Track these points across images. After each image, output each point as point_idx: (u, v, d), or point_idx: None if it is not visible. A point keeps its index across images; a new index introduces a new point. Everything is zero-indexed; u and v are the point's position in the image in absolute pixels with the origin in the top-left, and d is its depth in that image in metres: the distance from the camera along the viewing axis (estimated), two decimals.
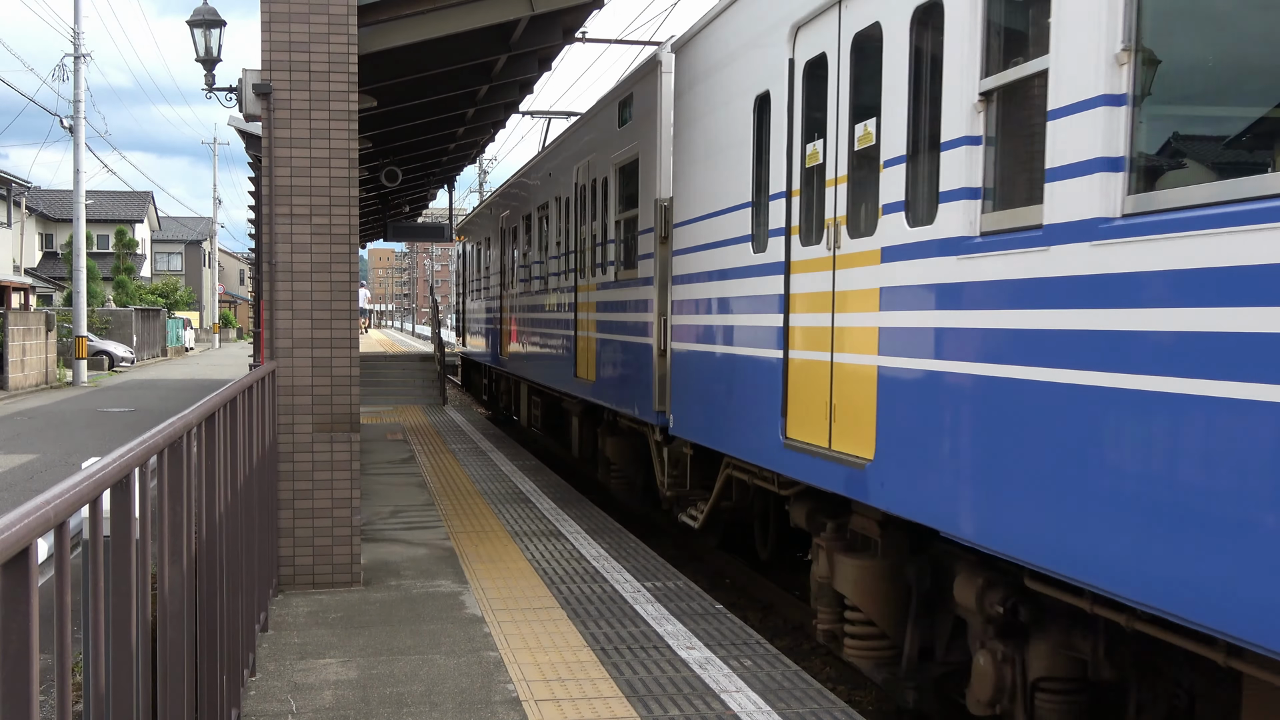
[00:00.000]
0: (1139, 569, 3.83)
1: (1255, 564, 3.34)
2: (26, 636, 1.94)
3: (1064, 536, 4.24)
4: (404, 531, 9.65)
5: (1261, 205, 3.38)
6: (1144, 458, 3.85)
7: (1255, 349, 3.36)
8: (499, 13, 10.49)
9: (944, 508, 5.14)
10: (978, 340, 4.86)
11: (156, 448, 3.21)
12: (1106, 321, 4.02)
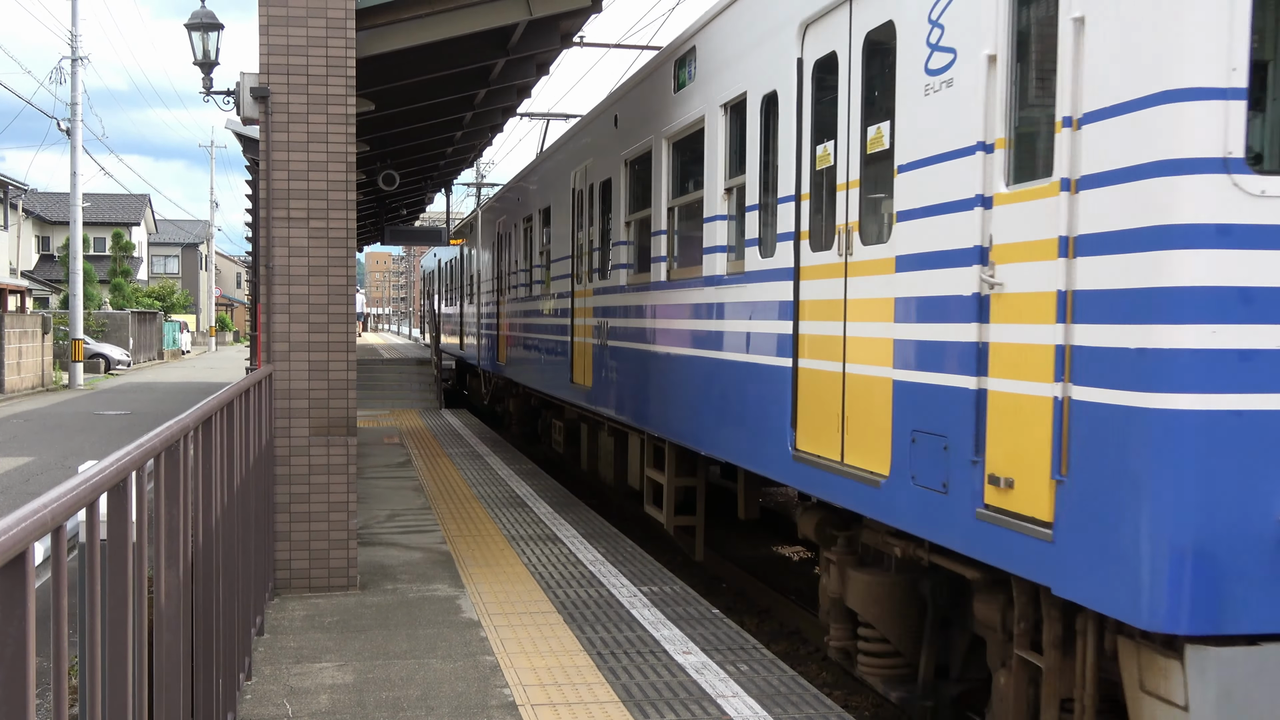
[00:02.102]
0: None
1: (751, 435, 7.42)
2: (23, 640, 1.94)
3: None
4: (400, 535, 9.64)
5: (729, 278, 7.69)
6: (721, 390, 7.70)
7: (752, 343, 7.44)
8: (497, 17, 10.50)
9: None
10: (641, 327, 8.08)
11: (153, 451, 3.20)
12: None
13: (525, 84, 15.51)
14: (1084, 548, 4.20)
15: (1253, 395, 3.88)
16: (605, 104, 12.12)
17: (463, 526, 10.09)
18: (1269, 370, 3.87)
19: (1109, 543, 4.10)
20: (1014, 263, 4.69)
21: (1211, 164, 3.85)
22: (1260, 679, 3.82)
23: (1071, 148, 4.33)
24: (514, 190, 19.10)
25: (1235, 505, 3.90)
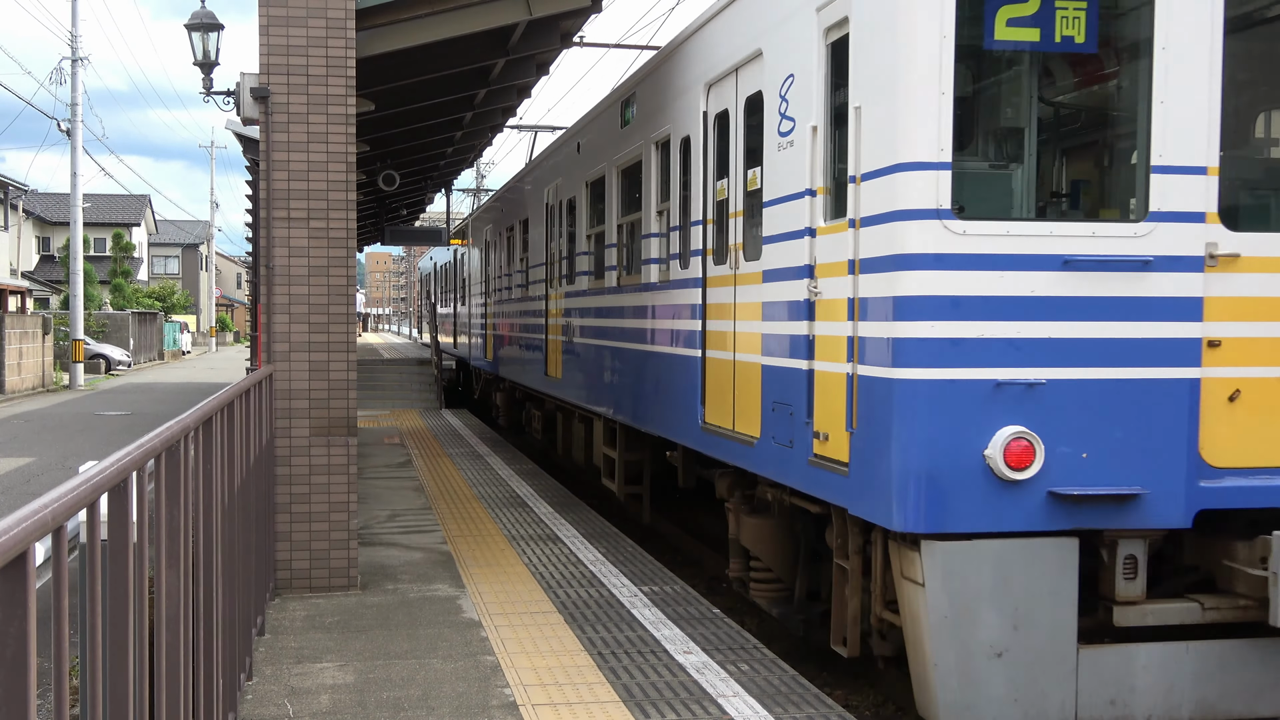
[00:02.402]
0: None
1: (675, 412, 8.79)
2: (24, 640, 1.94)
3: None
4: (401, 535, 9.64)
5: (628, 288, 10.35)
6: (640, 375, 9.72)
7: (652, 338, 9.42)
8: (497, 17, 10.50)
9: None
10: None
11: (154, 451, 3.20)
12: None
13: (525, 84, 15.50)
14: (863, 479, 5.80)
15: (961, 369, 5.48)
16: (571, 131, 13.87)
17: (463, 526, 10.09)
18: (971, 352, 5.48)
19: (876, 473, 5.66)
20: (827, 278, 6.29)
21: (929, 213, 5.43)
22: (969, 562, 5.45)
23: (856, 198, 5.87)
24: (499, 201, 20.78)
25: (951, 446, 5.45)
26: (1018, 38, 5.64)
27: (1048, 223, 5.79)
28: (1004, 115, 6.15)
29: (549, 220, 14.77)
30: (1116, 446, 5.58)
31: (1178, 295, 5.62)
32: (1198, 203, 5.61)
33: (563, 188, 13.95)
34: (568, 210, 13.57)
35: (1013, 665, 5.51)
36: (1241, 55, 5.93)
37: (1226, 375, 5.68)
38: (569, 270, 13.49)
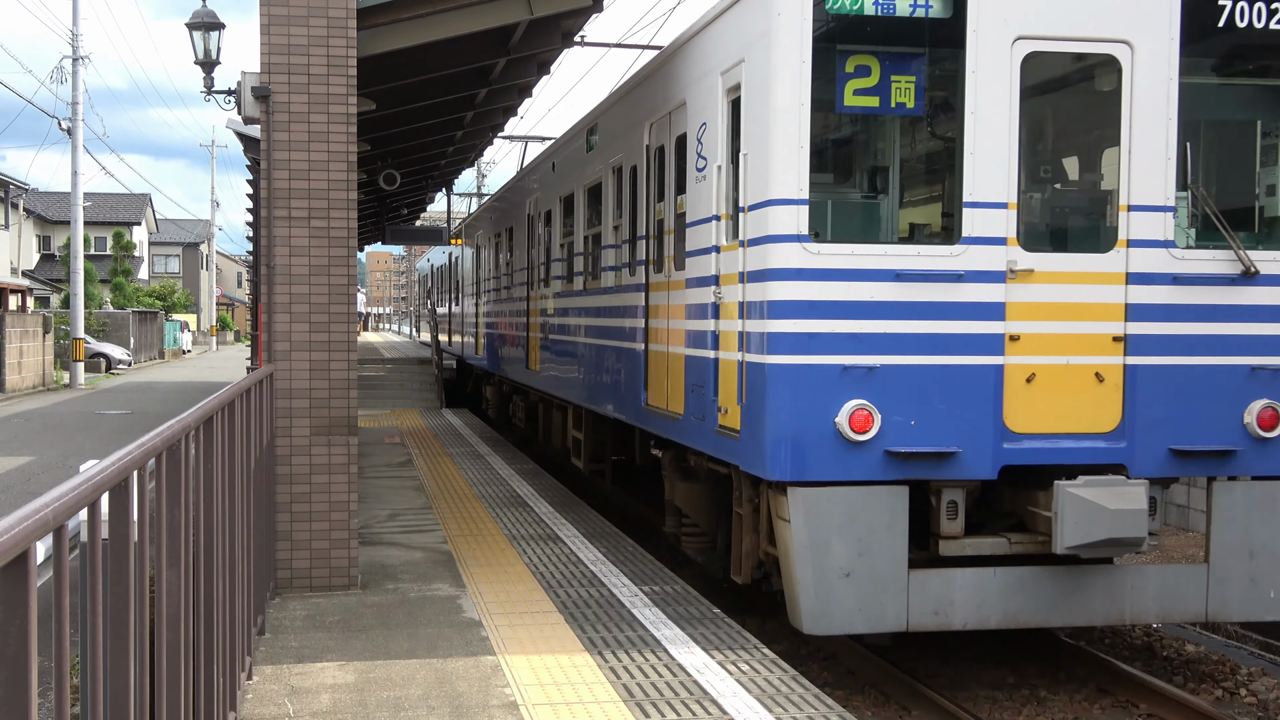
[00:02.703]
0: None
1: (624, 397, 10.41)
2: (25, 638, 1.94)
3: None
4: (401, 535, 9.64)
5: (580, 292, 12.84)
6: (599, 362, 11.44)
7: (602, 334, 11.31)
8: (498, 16, 10.50)
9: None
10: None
11: (155, 451, 3.20)
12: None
13: (526, 84, 15.50)
14: (749, 442, 7.37)
15: (817, 356, 7.05)
16: (548, 151, 15.65)
17: (464, 526, 10.09)
18: (824, 344, 7.05)
19: (757, 437, 7.24)
20: (727, 285, 7.88)
21: (792, 237, 7.02)
22: (823, 503, 7.00)
23: (743, 224, 7.50)
24: (489, 209, 22.50)
25: (810, 415, 7.01)
26: (862, 104, 7.23)
27: (883, 245, 7.33)
28: (852, 162, 7.99)
29: (530, 229, 16.40)
30: (938, 416, 7.13)
31: (985, 300, 7.21)
32: (1000, 229, 7.19)
33: (541, 201, 15.67)
34: (545, 221, 15.24)
35: (858, 583, 7.06)
36: (1035, 116, 7.67)
37: (1024, 362, 7.26)
38: (546, 274, 15.08)
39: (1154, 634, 9.54)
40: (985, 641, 8.70)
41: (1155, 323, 7.36)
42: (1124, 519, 6.95)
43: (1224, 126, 8.03)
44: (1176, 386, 7.35)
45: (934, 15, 7.09)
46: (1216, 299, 7.40)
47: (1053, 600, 7.38)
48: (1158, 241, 7.36)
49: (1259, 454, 7.41)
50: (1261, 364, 7.40)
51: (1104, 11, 7.20)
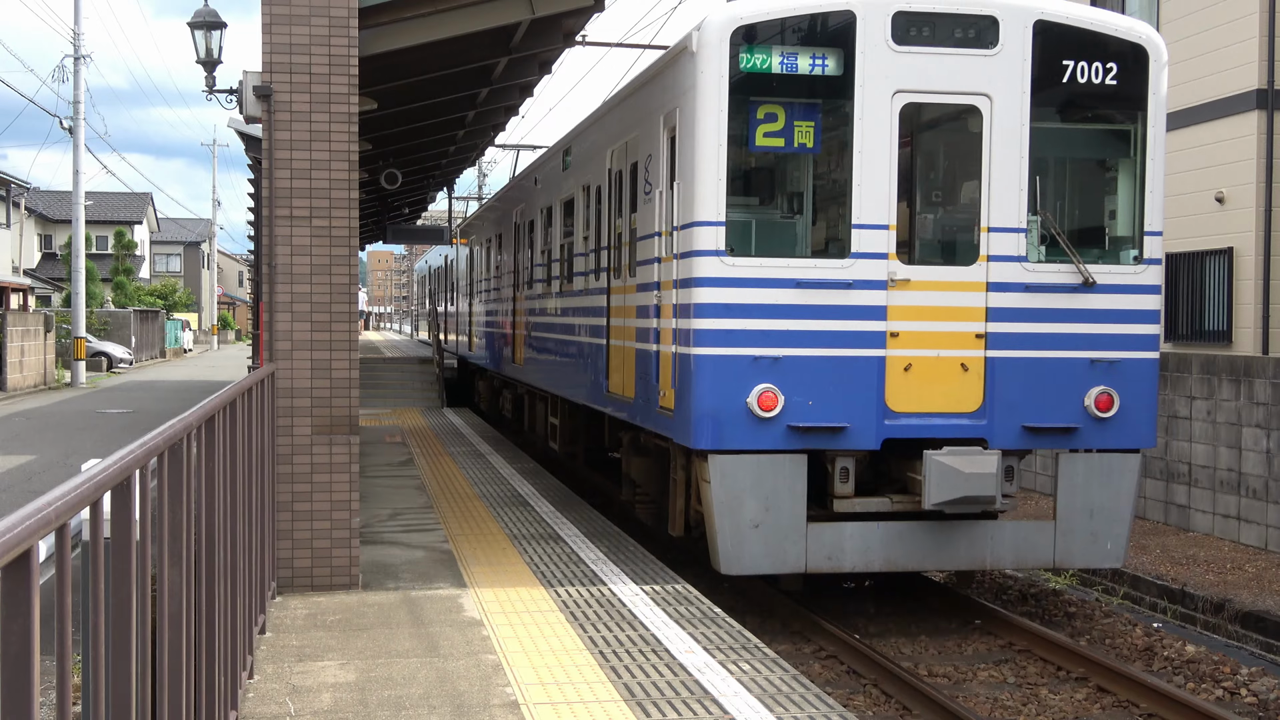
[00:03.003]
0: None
1: (590, 386, 11.83)
2: (27, 637, 1.95)
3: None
4: (403, 534, 9.65)
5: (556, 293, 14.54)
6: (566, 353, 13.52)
7: (569, 329, 13.26)
8: (500, 16, 10.50)
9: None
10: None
11: (156, 450, 3.21)
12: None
13: (528, 83, 15.50)
14: (680, 418, 8.77)
15: (732, 349, 8.45)
16: (533, 166, 17.27)
17: (465, 525, 10.09)
18: (738, 338, 8.44)
19: (686, 415, 8.62)
20: (665, 290, 9.20)
21: (712, 252, 8.43)
22: (737, 468, 8.40)
23: (676, 240, 8.94)
24: (482, 215, 23.95)
25: (726, 396, 8.41)
26: (770, 144, 8.73)
27: (786, 258, 8.75)
28: (762, 190, 9.38)
29: (516, 235, 17.94)
30: (831, 397, 8.57)
31: (870, 304, 8.65)
32: (882, 246, 8.66)
33: (525, 211, 17.12)
34: (529, 229, 16.66)
35: (765, 533, 8.50)
36: (911, 153, 9.16)
37: (902, 355, 8.72)
38: (529, 277, 16.52)
39: (1155, 634, 9.54)
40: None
41: (1010, 323, 8.85)
42: (977, 481, 8.47)
43: (1074, 162, 9.62)
44: (1028, 375, 8.84)
45: (829, 73, 8.66)
46: (1061, 304, 8.89)
47: (926, 549, 8.90)
48: (1012, 257, 8.84)
49: (1097, 431, 8.94)
50: (1098, 357, 8.92)
51: (967, 71, 8.72)
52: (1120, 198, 9.34)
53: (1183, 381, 14.01)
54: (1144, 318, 9.10)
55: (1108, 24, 9.17)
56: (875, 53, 8.59)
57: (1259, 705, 8.08)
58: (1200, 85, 17.13)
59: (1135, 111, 9.13)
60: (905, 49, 8.64)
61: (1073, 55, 8.92)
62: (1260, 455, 12.78)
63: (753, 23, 8.55)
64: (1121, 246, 9.29)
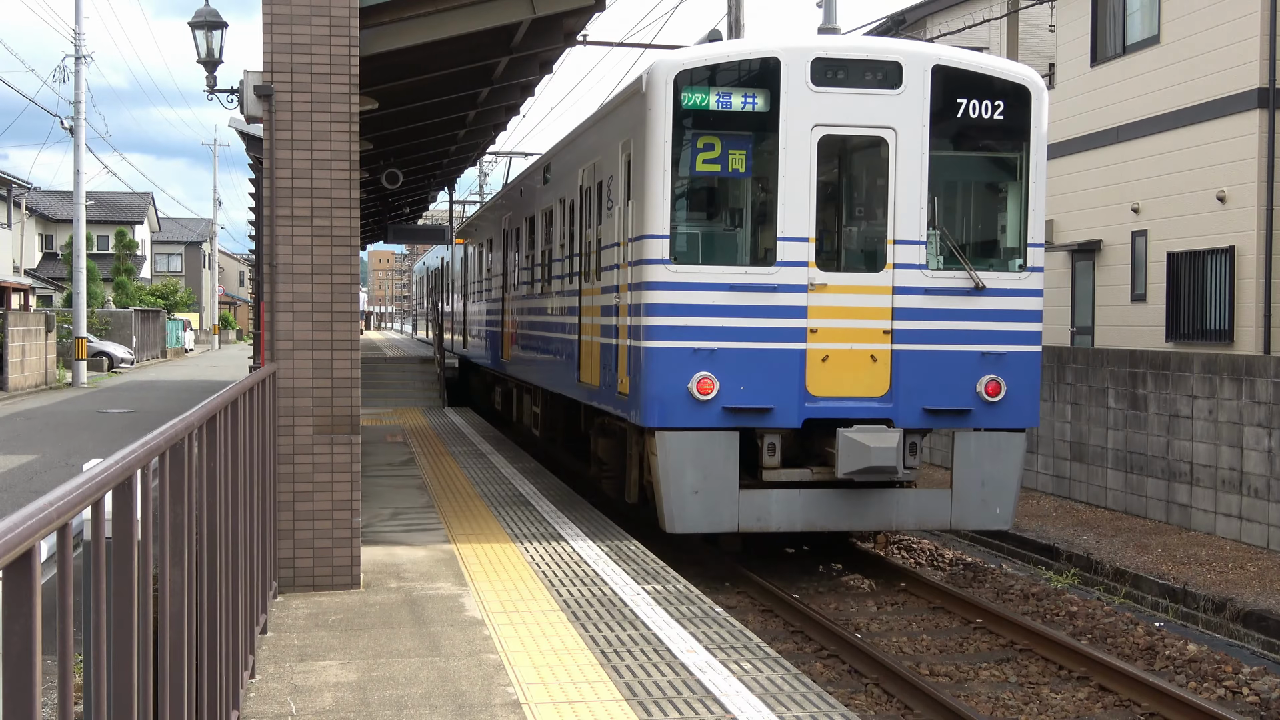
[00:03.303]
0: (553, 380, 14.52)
1: (563, 376, 13.67)
2: (29, 637, 1.94)
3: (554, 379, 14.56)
4: (404, 534, 9.65)
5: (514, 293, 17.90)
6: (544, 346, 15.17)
7: (548, 326, 14.87)
8: (501, 15, 10.50)
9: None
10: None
11: (158, 449, 3.20)
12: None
13: (529, 82, 15.50)
14: (634, 402, 10.10)
15: (676, 342, 9.76)
16: (519, 178, 19.16)
17: (466, 524, 10.09)
18: (681, 334, 9.75)
19: (638, 398, 9.97)
20: (623, 292, 10.61)
21: (659, 260, 9.79)
22: (679, 443, 9.71)
23: (632, 250, 10.35)
24: (474, 223, 25.91)
25: (670, 383, 9.72)
26: (708, 169, 10.18)
27: (722, 266, 10.15)
28: (701, 207, 10.74)
29: (505, 240, 19.42)
30: (760, 384, 9.91)
31: (793, 305, 10.00)
32: (803, 256, 10.05)
33: (512, 219, 18.67)
34: (516, 235, 18.16)
35: (703, 498, 9.87)
36: (828, 177, 10.46)
37: (821, 348, 10.07)
38: (516, 280, 18.07)
39: (1156, 633, 9.54)
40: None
41: (913, 321, 10.18)
42: (880, 454, 9.77)
43: (967, 184, 10.98)
44: (928, 366, 10.16)
45: (757, 109, 10.06)
46: (956, 305, 10.25)
47: (841, 512, 10.28)
48: (914, 264, 10.20)
49: (987, 413, 10.29)
50: (988, 350, 10.27)
51: (875, 108, 10.13)
52: (1009, 214, 10.75)
53: (1184, 381, 14.01)
54: (1028, 317, 10.46)
55: (995, 68, 10.65)
56: (797, 93, 10.00)
57: (1260, 704, 8.07)
58: (1201, 84, 17.12)
59: (1019, 142, 10.50)
60: (823, 89, 10.07)
61: (965, 94, 10.31)
62: (1262, 454, 12.77)
63: (693, 68, 10.03)
64: (1009, 256, 10.65)
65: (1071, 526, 14.10)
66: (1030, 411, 10.47)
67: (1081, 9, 20.35)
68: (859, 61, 10.18)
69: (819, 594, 10.69)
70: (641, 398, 9.95)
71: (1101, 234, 19.80)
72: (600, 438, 12.34)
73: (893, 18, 25.74)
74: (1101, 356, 15.87)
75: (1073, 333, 20.91)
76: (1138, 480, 14.79)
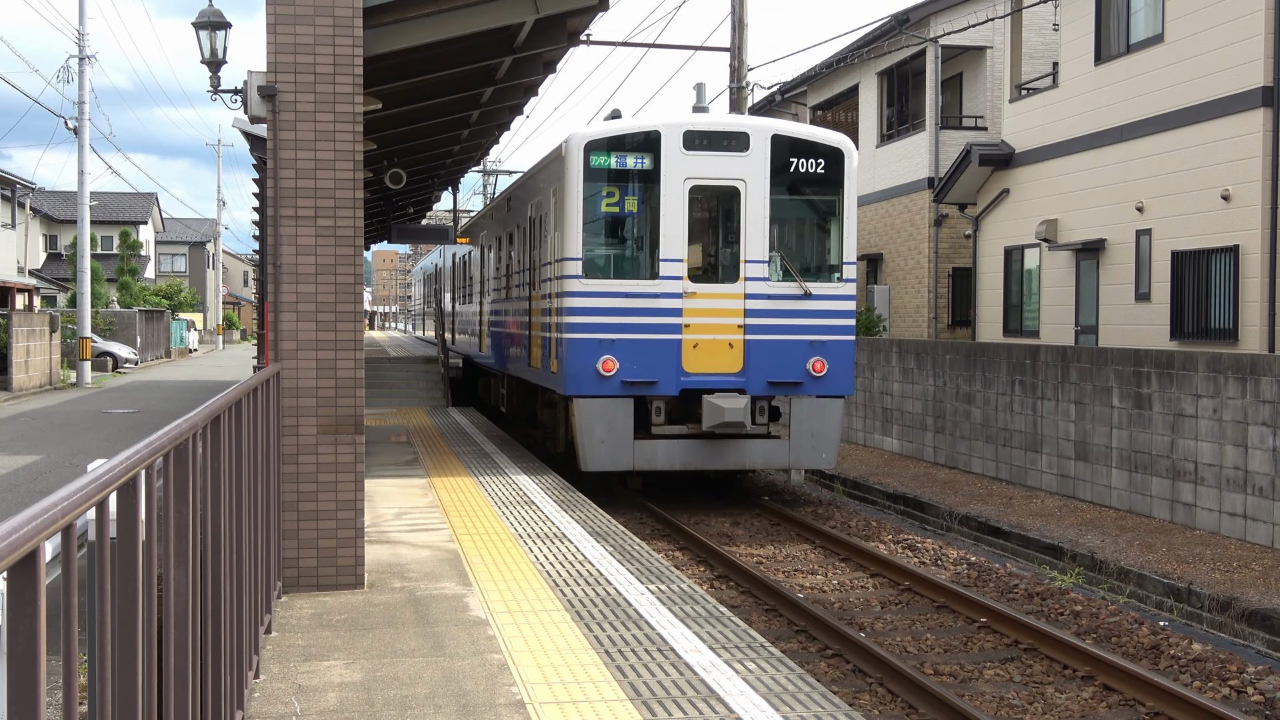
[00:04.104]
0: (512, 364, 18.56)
1: (521, 362, 17.37)
2: (34, 637, 1.95)
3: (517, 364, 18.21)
4: (408, 534, 9.65)
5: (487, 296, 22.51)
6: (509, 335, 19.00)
7: (511, 316, 18.95)
8: (504, 15, 10.50)
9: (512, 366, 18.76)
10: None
11: (162, 449, 3.21)
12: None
13: (532, 82, 15.51)
14: (560, 377, 13.92)
15: (586, 335, 13.60)
16: (493, 204, 22.89)
17: (470, 524, 10.09)
18: (591, 328, 13.58)
19: (562, 375, 13.82)
20: (553, 299, 14.28)
21: (574, 275, 13.71)
22: (589, 407, 13.51)
23: (557, 268, 14.22)
24: (469, 230, 28.93)
25: (583, 363, 13.53)
26: (610, 210, 13.91)
27: (620, 280, 13.80)
28: (605, 238, 14.18)
29: (482, 255, 23.61)
30: (648, 364, 13.53)
31: (672, 307, 13.65)
32: (679, 272, 13.70)
33: (486, 237, 22.85)
34: (489, 250, 22.28)
35: (608, 445, 13.49)
36: (697, 215, 14.09)
37: (692, 338, 13.73)
38: (489, 287, 22.07)
39: (1161, 633, 9.53)
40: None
41: (759, 319, 13.96)
42: (732, 413, 13.48)
43: (798, 219, 14.77)
44: (770, 350, 13.94)
45: (645, 168, 13.82)
46: (791, 306, 14.05)
47: (707, 456, 14.02)
48: (760, 278, 14.03)
49: (814, 384, 14.08)
50: (814, 339, 14.06)
51: (730, 165, 13.95)
52: (830, 241, 14.55)
53: (1189, 380, 13.99)
54: (844, 315, 14.28)
55: (818, 135, 14.46)
56: (673, 156, 13.72)
57: (1265, 704, 8.06)
58: (1205, 83, 17.09)
59: (836, 189, 14.28)
60: (692, 153, 13.80)
61: (796, 155, 14.11)
62: (1267, 453, 12.75)
63: (598, 139, 13.75)
64: (830, 271, 14.46)
65: (1076, 526, 14.08)
66: (846, 383, 14.20)
67: (1085, 8, 20.32)
68: (718, 133, 13.92)
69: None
70: (564, 375, 13.71)
71: (1105, 233, 19.78)
72: (543, 408, 16.25)
73: (896, 17, 25.72)
74: (1105, 355, 15.85)
75: (1077, 332, 20.88)
76: (1142, 479, 14.77)
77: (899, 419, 21.75)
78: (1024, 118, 22.57)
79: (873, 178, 28.85)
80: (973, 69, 27.26)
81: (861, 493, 18.03)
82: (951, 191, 24.40)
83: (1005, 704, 7.92)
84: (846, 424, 22.91)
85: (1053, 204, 21.42)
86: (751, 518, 14.61)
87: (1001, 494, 16.56)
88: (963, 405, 19.21)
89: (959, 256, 26.28)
